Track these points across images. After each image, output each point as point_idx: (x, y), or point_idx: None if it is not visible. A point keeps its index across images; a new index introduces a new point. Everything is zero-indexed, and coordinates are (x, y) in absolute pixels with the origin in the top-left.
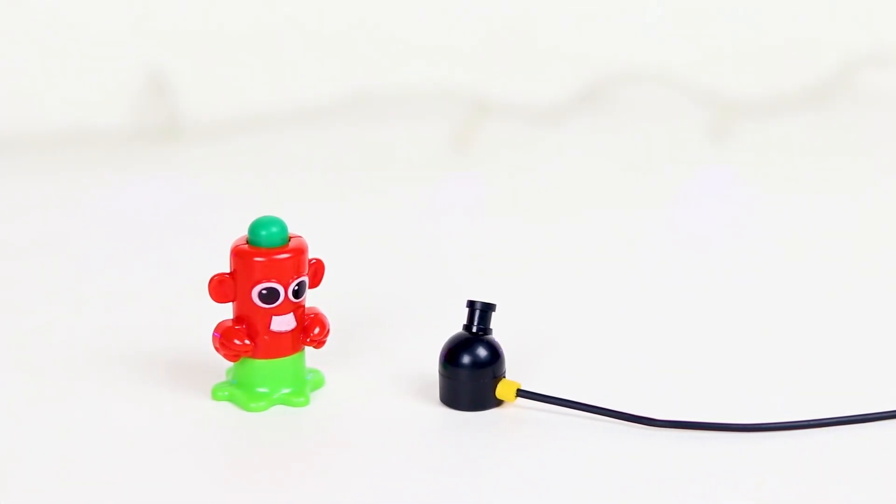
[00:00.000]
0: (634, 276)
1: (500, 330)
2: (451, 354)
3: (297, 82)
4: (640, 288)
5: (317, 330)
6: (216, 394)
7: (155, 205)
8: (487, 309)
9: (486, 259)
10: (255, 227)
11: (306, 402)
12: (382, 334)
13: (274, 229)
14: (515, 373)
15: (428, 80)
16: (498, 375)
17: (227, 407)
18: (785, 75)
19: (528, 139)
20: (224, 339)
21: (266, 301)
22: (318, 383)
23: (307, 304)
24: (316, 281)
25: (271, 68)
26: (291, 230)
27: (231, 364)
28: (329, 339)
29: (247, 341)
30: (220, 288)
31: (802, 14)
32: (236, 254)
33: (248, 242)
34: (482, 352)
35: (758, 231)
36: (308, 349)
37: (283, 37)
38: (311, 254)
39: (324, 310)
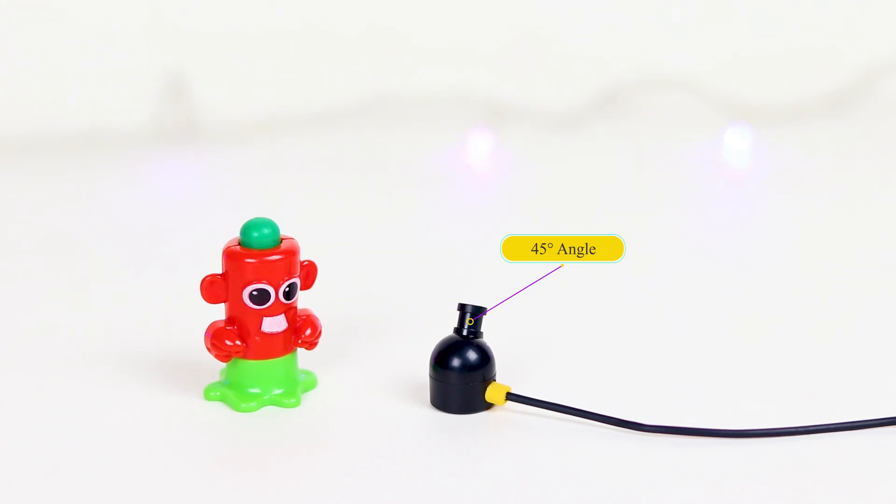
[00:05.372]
0: (630, 282)
1: (492, 333)
2: (442, 357)
3: (315, 85)
4: (635, 293)
5: (308, 331)
6: (208, 394)
7: (170, 205)
8: (478, 312)
9: (484, 262)
10: (247, 228)
11: (297, 403)
12: (376, 336)
13: (265, 231)
14: (506, 376)
15: (446, 85)
16: (488, 379)
17: (219, 407)
18: (806, 82)
19: (545, 144)
20: (215, 339)
21: (257, 302)
22: (311, 384)
23: (300, 306)
24: (308, 283)
25: (289, 71)
26: (297, 232)
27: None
28: (322, 340)
29: (238, 342)
30: (212, 289)
31: (824, 20)
32: (227, 255)
33: (239, 244)
34: (472, 355)
35: (771, 237)
36: (301, 350)
37: (301, 40)
38: (313, 256)
39: (317, 312)
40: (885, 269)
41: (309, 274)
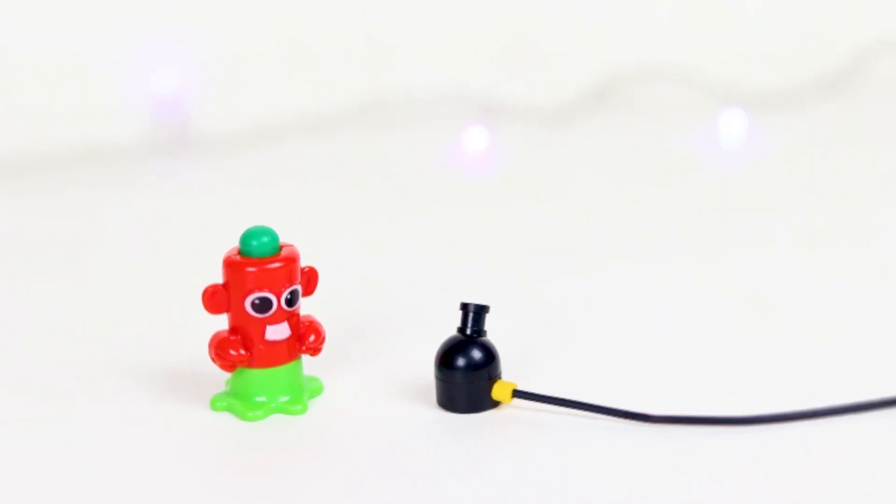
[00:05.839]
0: (633, 275)
1: (496, 331)
2: (446, 357)
3: (308, 89)
4: (637, 286)
5: (312, 338)
6: (214, 404)
7: (168, 217)
8: (481, 311)
9: (484, 260)
10: (246, 237)
11: (304, 410)
12: (380, 340)
13: (265, 239)
14: (511, 373)
15: (439, 84)
16: (493, 377)
17: (226, 417)
18: (799, 66)
19: (539, 140)
20: (219, 349)
21: (259, 310)
22: (317, 390)
23: (302, 312)
24: (309, 289)
25: (281, 78)
26: (296, 239)
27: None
28: (326, 346)
29: (242, 351)
30: (214, 299)
31: (815, 3)
32: (228, 264)
33: (239, 253)
34: (477, 354)
35: (771, 223)
36: (306, 357)
37: (292, 41)
38: (313, 262)
39: (320, 317)
40: (886, 251)
41: (310, 280)
